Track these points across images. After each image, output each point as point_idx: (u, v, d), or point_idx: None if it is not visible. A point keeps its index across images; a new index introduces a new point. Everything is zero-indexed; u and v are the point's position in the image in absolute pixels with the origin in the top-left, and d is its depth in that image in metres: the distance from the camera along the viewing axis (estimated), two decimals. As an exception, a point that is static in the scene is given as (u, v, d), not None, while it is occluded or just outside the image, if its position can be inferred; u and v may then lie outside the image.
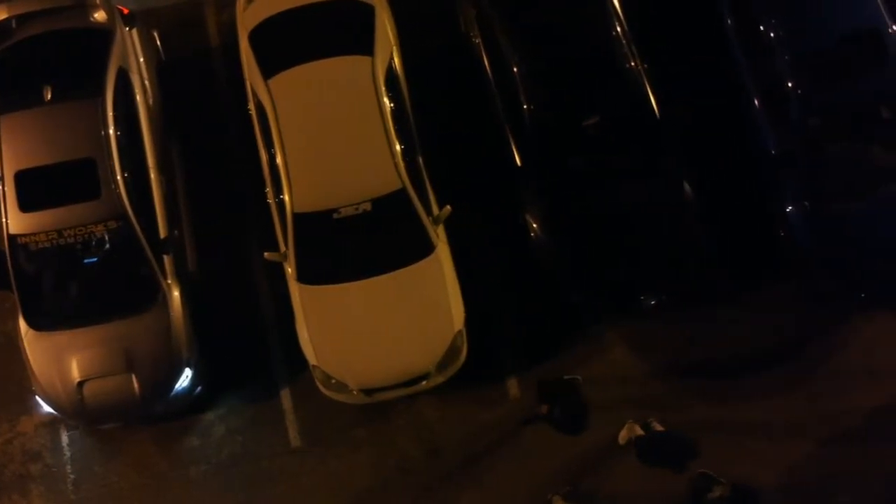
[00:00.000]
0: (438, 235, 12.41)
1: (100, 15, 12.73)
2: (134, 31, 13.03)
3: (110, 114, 12.13)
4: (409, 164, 12.32)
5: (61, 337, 12.21)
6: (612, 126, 12.46)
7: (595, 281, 12.57)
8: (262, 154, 12.56)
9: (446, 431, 12.90)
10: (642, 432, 12.58)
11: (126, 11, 13.08)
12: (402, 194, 12.10)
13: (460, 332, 12.34)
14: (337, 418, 12.90)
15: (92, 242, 12.10)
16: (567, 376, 12.86)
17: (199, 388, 12.75)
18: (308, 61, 12.24)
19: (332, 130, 12.10)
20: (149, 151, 12.59)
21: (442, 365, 12.32)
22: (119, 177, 11.99)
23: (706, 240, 12.58)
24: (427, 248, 12.31)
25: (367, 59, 12.28)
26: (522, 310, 13.17)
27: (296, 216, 12.06)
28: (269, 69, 12.31)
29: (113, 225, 12.02)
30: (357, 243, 12.20)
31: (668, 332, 13.13)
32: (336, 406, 12.66)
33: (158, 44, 13.70)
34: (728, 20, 13.04)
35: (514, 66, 12.52)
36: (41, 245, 12.02)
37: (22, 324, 12.30)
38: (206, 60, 14.02)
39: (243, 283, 13.31)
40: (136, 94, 12.67)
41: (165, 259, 12.37)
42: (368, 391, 12.35)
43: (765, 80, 12.65)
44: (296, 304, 12.33)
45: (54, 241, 12.00)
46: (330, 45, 12.34)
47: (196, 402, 12.93)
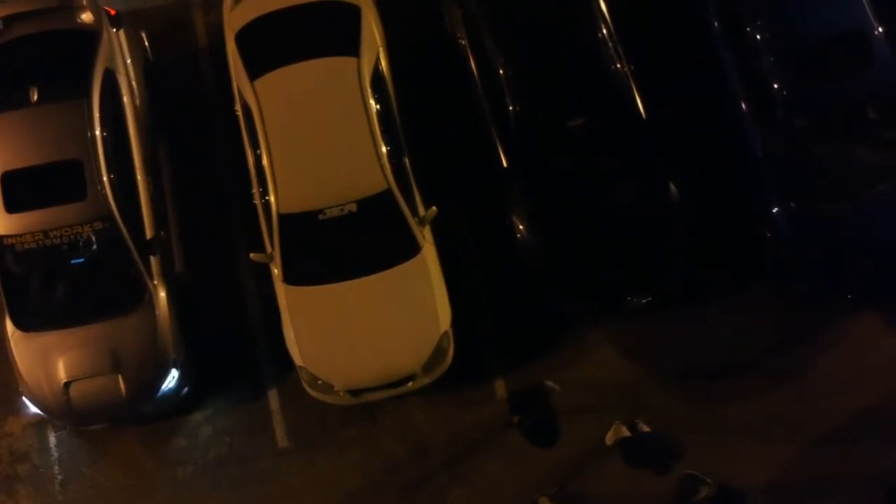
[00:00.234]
0: (425, 236, 12.41)
1: (86, 16, 12.73)
2: (121, 32, 13.03)
3: (97, 115, 12.14)
4: (396, 165, 12.33)
5: (48, 338, 12.22)
6: (598, 127, 12.47)
7: (581, 282, 12.56)
8: (249, 155, 12.57)
9: (433, 432, 12.92)
10: (629, 433, 12.59)
11: (113, 12, 13.08)
12: (387, 195, 12.10)
13: (447, 333, 12.36)
14: (324, 419, 12.92)
15: (78, 243, 12.09)
16: (548, 382, 12.82)
17: (186, 389, 12.75)
18: (294, 62, 12.24)
19: (317, 131, 12.10)
20: (135, 152, 12.61)
21: (428, 366, 12.33)
22: (105, 178, 12.00)
23: (692, 240, 12.59)
24: (413, 249, 12.32)
25: (352, 61, 12.28)
26: (509, 311, 13.18)
27: (281, 217, 12.07)
28: (255, 70, 12.32)
29: (99, 226, 12.02)
30: (343, 244, 12.20)
31: (655, 333, 13.14)
32: (323, 407, 12.67)
33: (146, 45, 13.70)
34: (714, 22, 13.04)
35: (500, 68, 12.53)
36: (27, 246, 12.02)
37: (8, 324, 12.31)
38: (193, 61, 14.01)
39: (230, 284, 13.31)
40: (123, 95, 12.67)
41: (152, 260, 12.38)
42: (355, 392, 12.36)
43: (751, 81, 12.66)
44: (282, 305, 12.34)
45: (40, 242, 12.01)
46: (316, 47, 12.34)
47: (183, 403, 12.93)
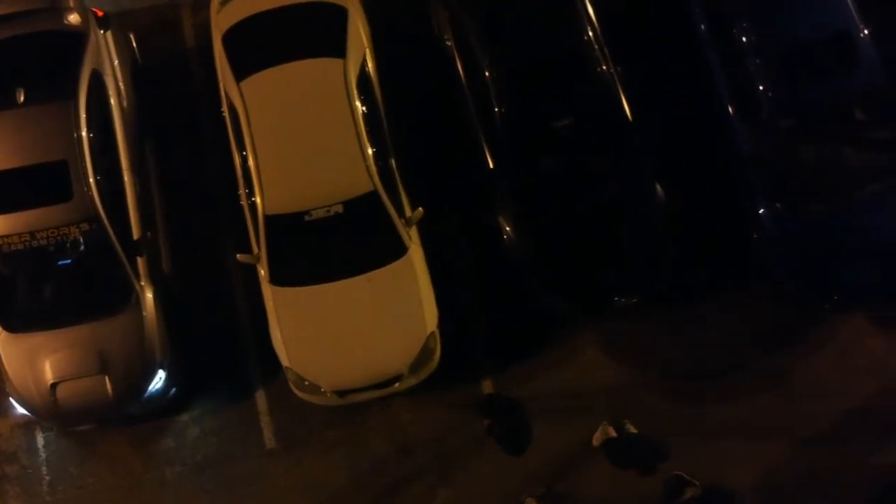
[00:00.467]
0: (411, 237, 12.42)
1: (73, 17, 12.71)
2: (108, 33, 13.00)
3: (83, 116, 12.13)
4: (382, 167, 12.34)
5: (35, 339, 12.21)
6: (584, 128, 12.48)
7: (569, 282, 12.57)
8: (236, 156, 12.57)
9: (420, 432, 12.93)
10: (616, 434, 12.59)
11: (101, 14, 13.06)
12: (374, 196, 12.11)
13: (433, 333, 12.37)
14: (311, 419, 12.93)
15: (65, 244, 12.09)
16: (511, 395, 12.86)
17: (173, 390, 12.77)
18: (280, 63, 12.24)
19: (303, 132, 12.11)
20: (122, 153, 12.60)
21: (415, 366, 12.34)
22: (91, 179, 12.00)
23: (679, 241, 12.60)
24: (399, 250, 12.33)
25: (338, 62, 12.29)
26: (497, 311, 13.18)
27: (267, 218, 12.08)
28: (241, 71, 12.32)
29: (86, 227, 12.01)
30: (329, 245, 12.21)
31: (642, 334, 13.15)
32: (310, 407, 12.68)
33: (134, 46, 13.70)
34: (700, 23, 13.05)
35: (486, 69, 12.54)
36: (14, 247, 12.02)
37: (-5, 326, 12.33)
38: (182, 62, 14.00)
39: (218, 285, 13.32)
40: (111, 96, 12.66)
41: (139, 261, 12.38)
42: (341, 393, 12.38)
43: (737, 83, 12.67)
44: (268, 305, 12.35)
45: (27, 244, 12.01)
46: (302, 48, 12.34)
47: (171, 404, 12.95)
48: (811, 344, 13.14)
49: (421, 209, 12.42)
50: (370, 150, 12.16)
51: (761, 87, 12.32)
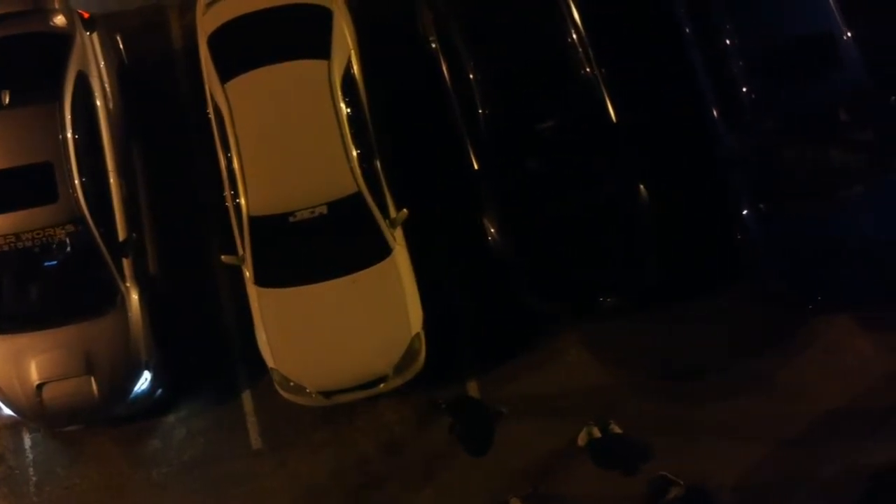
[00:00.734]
0: (396, 238, 12.45)
1: (59, 19, 12.78)
2: (94, 35, 13.05)
3: (68, 118, 12.18)
4: (367, 168, 12.37)
5: (21, 340, 12.25)
6: (568, 129, 12.52)
7: (553, 283, 12.60)
8: (221, 157, 12.60)
9: (406, 432, 12.97)
10: (600, 434, 12.61)
11: (87, 16, 13.11)
12: (358, 198, 12.14)
13: (418, 334, 12.40)
14: (298, 420, 12.96)
15: (51, 246, 12.14)
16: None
17: (159, 391, 12.81)
18: (264, 65, 12.29)
19: (287, 134, 12.15)
20: (108, 155, 12.64)
21: (400, 367, 12.37)
22: (77, 181, 12.04)
23: (663, 242, 12.63)
24: (384, 252, 12.35)
25: (323, 64, 12.32)
26: (482, 312, 13.22)
27: (252, 219, 12.12)
28: (226, 73, 12.36)
29: (71, 228, 12.06)
30: (313, 246, 12.24)
31: (628, 335, 13.17)
32: (297, 408, 12.71)
33: (121, 47, 13.74)
34: (685, 26, 13.09)
35: (470, 71, 12.58)
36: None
37: (-19, 327, 12.35)
38: (169, 64, 14.05)
39: (205, 286, 13.35)
40: (96, 98, 12.71)
41: (124, 262, 12.42)
42: (327, 393, 12.41)
43: (721, 84, 12.70)
44: (253, 306, 12.37)
45: (12, 245, 12.04)
46: (287, 50, 12.39)
47: (157, 405, 12.98)
48: (796, 344, 13.16)
49: (405, 210, 12.44)
50: (354, 152, 12.19)
51: (745, 89, 12.36)
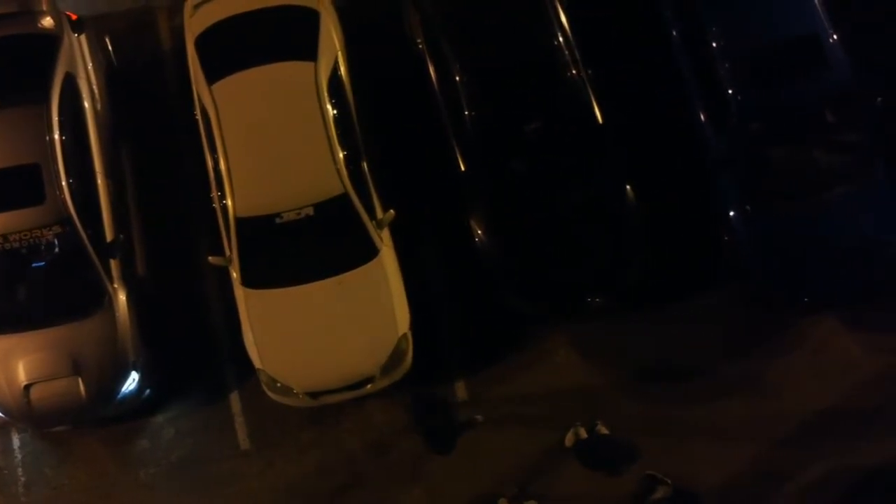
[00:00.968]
0: (383, 239, 12.46)
1: (47, 21, 12.78)
2: (82, 36, 13.07)
3: (56, 119, 12.20)
4: (354, 169, 12.38)
5: (8, 340, 12.27)
6: (554, 131, 12.54)
7: (540, 284, 12.62)
8: (208, 159, 12.62)
9: (394, 433, 12.97)
10: (587, 435, 12.63)
11: (74, 17, 13.12)
12: (344, 199, 12.15)
13: (405, 335, 12.42)
14: (285, 420, 12.98)
15: (39, 247, 12.17)
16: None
17: (147, 391, 12.83)
18: (251, 67, 12.32)
19: (274, 136, 12.17)
20: (96, 156, 12.66)
21: (387, 368, 12.39)
22: (64, 182, 12.06)
23: (649, 242, 12.66)
24: (371, 252, 12.37)
25: (309, 65, 12.34)
26: (469, 313, 13.23)
27: (238, 220, 12.14)
28: (213, 74, 12.39)
29: (58, 230, 12.08)
30: (300, 248, 12.27)
31: (615, 336, 13.18)
32: (285, 408, 12.73)
33: (110, 49, 13.76)
34: (672, 28, 13.12)
35: (456, 73, 12.60)
36: (-13, 250, 12.11)
37: (-32, 328, 12.37)
38: (158, 65, 14.06)
39: (193, 286, 13.37)
40: (84, 99, 12.72)
41: (112, 263, 12.44)
42: (314, 394, 12.43)
43: (707, 86, 12.72)
44: (241, 307, 12.39)
45: (0, 246, 12.07)
46: (273, 51, 12.41)
47: (145, 405, 13.00)
48: (783, 345, 13.18)
49: (392, 211, 12.46)
50: (341, 153, 12.21)
51: (730, 91, 12.38)
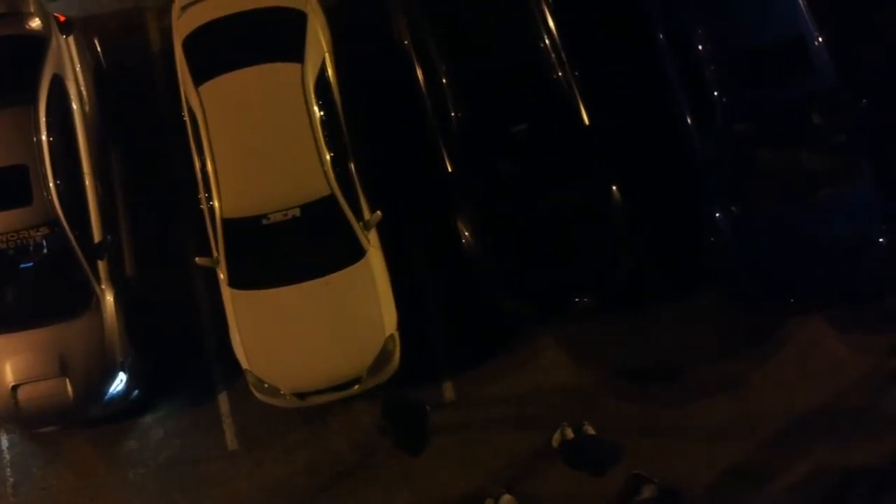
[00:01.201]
0: (370, 240, 12.49)
1: (35, 23, 12.80)
2: (70, 38, 13.09)
3: (43, 121, 12.23)
4: (341, 170, 12.41)
5: (-5, 341, 12.32)
6: (540, 132, 12.57)
7: (527, 284, 12.65)
8: (195, 160, 12.65)
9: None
10: (573, 435, 12.66)
11: (63, 19, 13.15)
12: (331, 200, 12.17)
13: (392, 336, 12.44)
14: (274, 421, 13.00)
15: (26, 248, 12.19)
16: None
17: (136, 392, 12.84)
18: (238, 68, 12.34)
19: (260, 137, 12.19)
20: (84, 157, 12.68)
21: (374, 369, 12.41)
22: (51, 183, 12.09)
23: (636, 243, 12.69)
24: (358, 253, 12.40)
25: (296, 67, 12.37)
26: (457, 314, 13.26)
27: (225, 222, 12.16)
28: (200, 76, 12.41)
29: (46, 231, 12.11)
30: (287, 249, 12.29)
31: (603, 336, 13.22)
32: (273, 409, 12.75)
33: (99, 50, 13.78)
34: (658, 30, 13.15)
35: (443, 75, 12.63)
36: (-26, 251, 12.13)
37: (-44, 328, 12.39)
38: (147, 67, 14.08)
39: (182, 287, 13.39)
40: (72, 101, 12.74)
41: (99, 264, 12.46)
42: (301, 395, 12.45)
43: (693, 88, 12.75)
44: (228, 308, 12.41)
45: (-12, 247, 12.13)
46: (260, 52, 12.44)
47: (134, 406, 13.01)
48: (769, 345, 13.22)
49: (379, 212, 12.48)
50: (328, 155, 12.23)
51: (716, 93, 12.41)
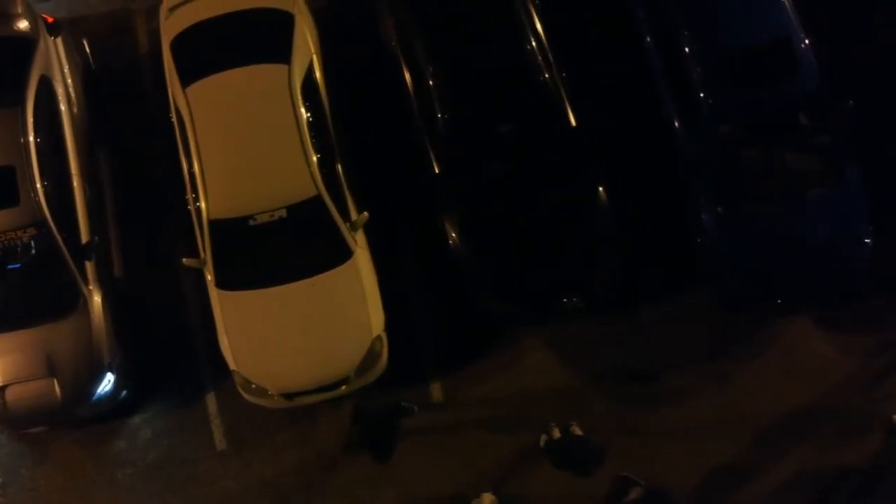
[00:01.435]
0: (357, 241, 12.52)
1: (22, 24, 12.82)
2: (59, 39, 13.11)
3: (31, 122, 12.25)
4: (328, 171, 12.43)
5: (-17, 342, 12.33)
6: (527, 133, 12.59)
7: (515, 285, 12.67)
8: (183, 161, 12.67)
9: (369, 434, 13.05)
10: (560, 436, 12.69)
11: (51, 20, 13.18)
12: (317, 201, 12.20)
13: (380, 337, 12.46)
14: (262, 421, 13.05)
15: (13, 249, 12.23)
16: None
17: (124, 392, 12.86)
18: (225, 70, 12.37)
19: (247, 138, 12.22)
20: (72, 159, 12.71)
21: (361, 369, 12.43)
22: (39, 184, 12.12)
23: (623, 244, 12.72)
24: (344, 254, 12.43)
25: (283, 68, 12.39)
26: (445, 314, 13.28)
27: (212, 223, 12.19)
28: (187, 77, 12.44)
29: (33, 232, 12.14)
30: (274, 250, 12.32)
31: (589, 337, 13.25)
32: (261, 409, 12.78)
33: (88, 52, 13.80)
34: (644, 31, 13.18)
35: (429, 76, 12.66)
36: (-38, 252, 12.15)
37: (-56, 329, 12.40)
38: (136, 68, 14.11)
39: (170, 288, 13.42)
40: (60, 102, 12.76)
41: (87, 265, 12.50)
42: (288, 395, 12.48)
43: (679, 89, 12.78)
44: (215, 309, 12.44)
45: (-25, 248, 12.15)
46: (247, 54, 12.47)
47: (122, 406, 13.03)
48: (755, 346, 13.26)
49: (366, 213, 12.51)
50: (314, 156, 12.26)
51: (702, 94, 12.44)
